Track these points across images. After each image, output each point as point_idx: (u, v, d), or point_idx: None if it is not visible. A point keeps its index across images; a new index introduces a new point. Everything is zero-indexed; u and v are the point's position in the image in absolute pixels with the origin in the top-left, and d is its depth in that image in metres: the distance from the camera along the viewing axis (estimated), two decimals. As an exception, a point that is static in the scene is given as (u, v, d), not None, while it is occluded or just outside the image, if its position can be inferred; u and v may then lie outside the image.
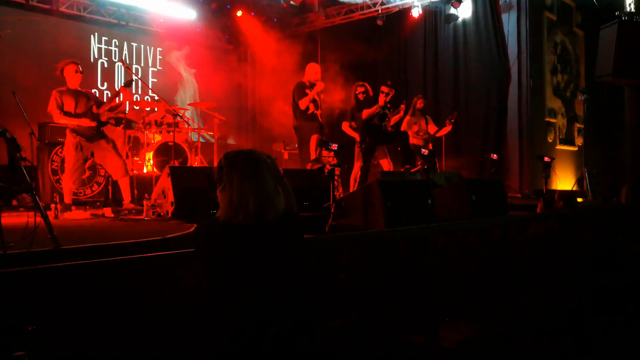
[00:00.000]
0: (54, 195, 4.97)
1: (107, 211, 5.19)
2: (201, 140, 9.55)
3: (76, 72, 5.57)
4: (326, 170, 4.49)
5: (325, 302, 2.87)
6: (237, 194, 1.83)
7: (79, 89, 5.58)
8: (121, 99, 5.75)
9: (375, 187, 4.51)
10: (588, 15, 10.65)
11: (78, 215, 5.11)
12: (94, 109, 5.52)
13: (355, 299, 3.04)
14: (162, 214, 4.74)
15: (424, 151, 5.66)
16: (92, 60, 9.83)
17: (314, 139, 6.67)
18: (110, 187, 7.16)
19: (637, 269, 5.38)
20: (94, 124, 5.38)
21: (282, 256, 1.84)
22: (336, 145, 4.68)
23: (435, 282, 3.29)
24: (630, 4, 7.76)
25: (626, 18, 7.58)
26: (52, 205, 4.86)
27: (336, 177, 4.67)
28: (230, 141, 11.18)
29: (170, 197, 4.54)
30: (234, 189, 1.84)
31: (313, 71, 7.03)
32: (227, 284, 1.78)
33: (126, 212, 5.16)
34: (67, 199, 5.36)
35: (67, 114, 5.36)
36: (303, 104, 6.77)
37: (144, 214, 4.73)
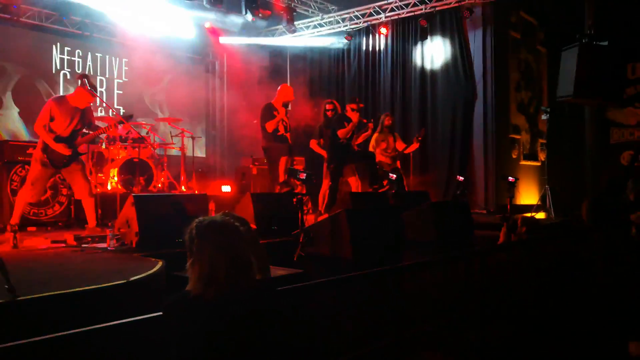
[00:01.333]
0: (14, 225, 4.79)
1: (69, 238, 5.03)
2: (168, 154, 9.42)
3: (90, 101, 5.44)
4: (295, 200, 4.47)
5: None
6: (209, 267, 1.78)
7: (79, 107, 5.37)
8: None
9: (343, 216, 4.51)
10: (551, 34, 10.94)
11: (38, 243, 4.94)
12: (79, 139, 5.39)
13: (326, 342, 3.02)
14: (126, 242, 4.63)
15: (392, 176, 5.71)
16: (54, 72, 9.55)
17: (282, 161, 6.65)
18: (72, 207, 7.00)
19: (599, 286, 5.54)
20: (69, 152, 5.21)
21: (257, 329, 1.80)
22: (304, 174, 4.66)
23: (400, 318, 3.30)
24: (590, 28, 7.98)
25: (586, 41, 7.79)
26: (11, 235, 4.68)
27: (305, 206, 4.64)
28: (198, 153, 11.05)
29: (135, 227, 4.44)
30: (204, 262, 1.79)
31: (284, 93, 7.00)
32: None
33: (89, 239, 5.02)
34: (16, 219, 5.11)
35: (51, 131, 5.18)
36: (270, 126, 6.75)
37: (107, 242, 4.61)
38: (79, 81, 5.40)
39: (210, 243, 1.80)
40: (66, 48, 9.77)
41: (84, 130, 5.54)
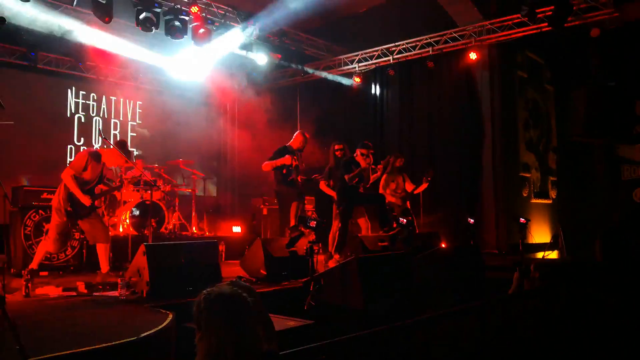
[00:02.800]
0: (27, 274, 4.82)
1: (81, 285, 5.04)
2: (180, 194, 9.50)
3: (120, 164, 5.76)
4: (305, 247, 4.48)
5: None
6: (216, 344, 1.78)
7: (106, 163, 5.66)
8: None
9: (353, 264, 4.51)
10: (557, 72, 11.03)
11: (49, 291, 4.95)
12: (97, 189, 5.59)
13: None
14: (137, 291, 4.64)
15: (402, 220, 5.71)
16: (68, 115, 9.74)
17: (293, 206, 6.67)
18: (84, 251, 7.03)
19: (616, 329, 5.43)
20: (88, 203, 5.36)
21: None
22: (315, 222, 4.68)
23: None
24: (596, 68, 8.05)
25: (593, 81, 7.86)
26: (23, 283, 4.72)
27: (315, 254, 4.65)
28: (209, 193, 11.14)
29: (146, 277, 4.45)
30: (212, 338, 1.79)
31: (299, 140, 7.14)
32: None
33: (100, 287, 5.04)
34: (36, 264, 5.28)
35: (79, 181, 5.34)
36: (266, 166, 6.91)
37: (118, 291, 4.62)
38: (115, 144, 5.70)
39: (218, 319, 1.80)
40: (81, 92, 9.99)
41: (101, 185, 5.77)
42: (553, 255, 8.85)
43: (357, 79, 10.32)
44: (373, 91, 10.51)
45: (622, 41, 8.65)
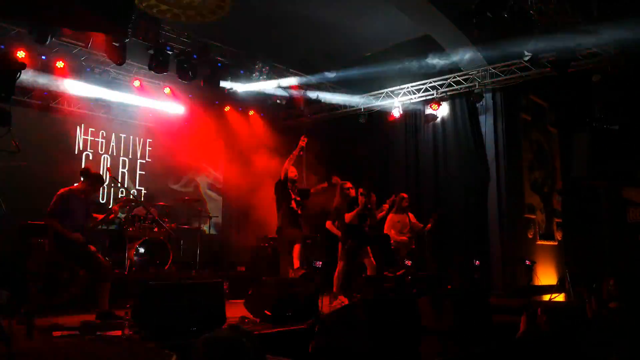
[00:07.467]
0: (30, 313, 4.79)
1: (84, 324, 4.99)
2: (185, 232, 9.50)
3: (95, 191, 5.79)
4: (313, 288, 4.46)
5: None
6: None
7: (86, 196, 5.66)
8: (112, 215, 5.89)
9: (360, 307, 4.46)
10: (561, 114, 11.15)
11: (53, 329, 4.91)
12: (86, 224, 5.60)
13: None
14: (140, 331, 4.61)
15: (408, 262, 5.69)
16: (76, 152, 9.78)
17: (296, 249, 6.61)
18: (88, 289, 6.98)
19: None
20: (83, 239, 5.38)
21: None
22: (320, 262, 4.68)
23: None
24: (599, 111, 8.13)
25: (597, 124, 7.93)
26: (26, 322, 4.68)
27: (320, 298, 4.62)
28: (214, 231, 11.12)
29: (150, 316, 4.43)
30: None
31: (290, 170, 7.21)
32: None
33: (103, 326, 4.99)
34: (35, 306, 5.24)
35: (62, 222, 5.35)
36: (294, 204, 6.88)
37: (122, 331, 4.59)
38: (85, 174, 5.68)
39: None
40: (90, 129, 10.05)
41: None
42: (560, 297, 8.74)
43: (362, 120, 10.46)
44: (378, 132, 10.63)
45: (624, 85, 8.77)
